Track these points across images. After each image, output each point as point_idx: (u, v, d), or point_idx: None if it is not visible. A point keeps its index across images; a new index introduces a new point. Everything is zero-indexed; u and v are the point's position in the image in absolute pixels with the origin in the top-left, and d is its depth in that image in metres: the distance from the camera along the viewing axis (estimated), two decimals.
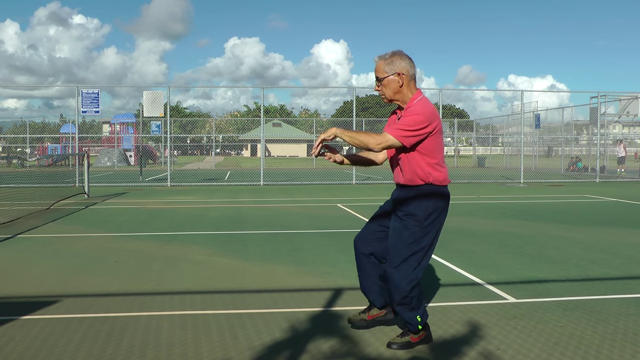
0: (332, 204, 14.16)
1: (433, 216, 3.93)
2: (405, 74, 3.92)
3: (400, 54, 3.97)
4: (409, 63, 3.95)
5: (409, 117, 3.81)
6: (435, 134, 3.86)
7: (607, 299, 5.35)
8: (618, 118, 32.07)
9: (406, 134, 3.78)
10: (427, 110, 3.82)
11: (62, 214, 11.99)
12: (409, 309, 3.95)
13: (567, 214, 12.04)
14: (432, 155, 3.89)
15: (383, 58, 3.97)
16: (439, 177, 3.93)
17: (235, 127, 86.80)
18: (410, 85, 3.96)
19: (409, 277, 3.90)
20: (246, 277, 6.30)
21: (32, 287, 5.84)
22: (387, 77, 3.94)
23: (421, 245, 3.92)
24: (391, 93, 3.97)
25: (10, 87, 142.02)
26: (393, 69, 3.93)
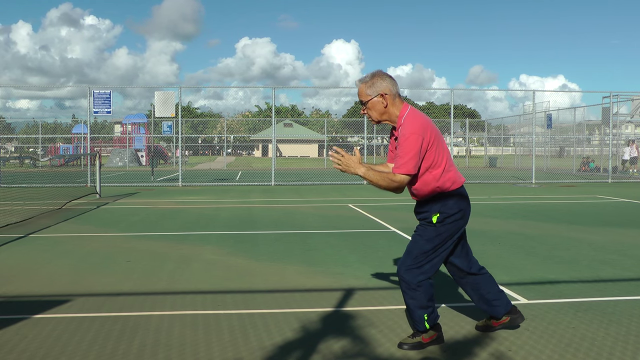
0: (343, 204, 14.16)
1: (448, 220, 3.96)
2: (388, 93, 3.93)
3: (380, 74, 3.98)
4: (390, 82, 3.95)
5: (402, 143, 3.81)
6: (431, 145, 3.86)
7: (620, 300, 5.32)
8: (630, 118, 31.89)
9: (411, 163, 3.79)
10: (414, 127, 3.81)
11: (74, 214, 12.05)
12: (417, 306, 3.96)
13: (579, 215, 11.97)
14: (434, 165, 3.91)
15: (364, 81, 3.98)
16: (445, 185, 3.95)
17: (247, 127, 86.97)
18: (395, 103, 3.96)
19: (419, 276, 3.94)
20: (258, 277, 6.31)
21: (44, 286, 5.88)
22: (371, 100, 3.96)
23: (432, 244, 3.96)
24: (377, 114, 3.99)
25: (23, 88, 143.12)
26: (376, 91, 3.93)
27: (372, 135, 47.17)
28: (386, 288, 5.79)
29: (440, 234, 3.96)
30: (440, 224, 3.96)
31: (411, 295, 3.97)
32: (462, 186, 4.06)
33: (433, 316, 4.03)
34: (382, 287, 5.82)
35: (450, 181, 3.96)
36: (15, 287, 5.87)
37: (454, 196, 3.98)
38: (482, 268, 4.28)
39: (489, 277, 4.27)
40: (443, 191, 3.95)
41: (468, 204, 4.08)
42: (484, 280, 4.23)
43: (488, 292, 4.22)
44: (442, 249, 4.01)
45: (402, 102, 4.00)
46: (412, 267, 3.96)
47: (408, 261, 3.99)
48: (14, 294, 5.61)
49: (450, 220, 3.97)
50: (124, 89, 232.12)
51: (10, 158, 21.65)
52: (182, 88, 21.92)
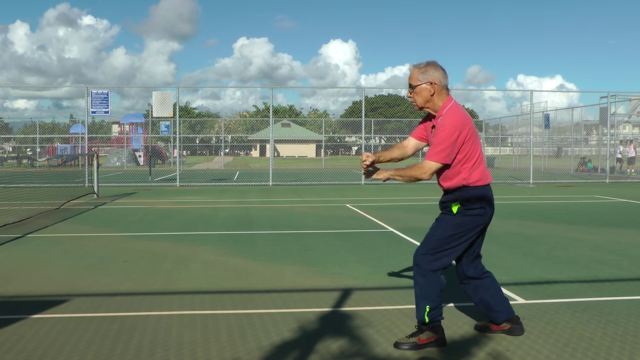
0: (341, 204, 14.16)
1: (468, 212, 4.03)
2: (437, 83, 4.05)
3: (434, 64, 4.11)
4: (441, 74, 4.08)
5: (438, 133, 3.95)
6: (467, 140, 3.97)
7: (617, 300, 5.33)
8: (628, 118, 31.96)
9: (444, 153, 3.93)
10: (454, 120, 3.94)
11: (72, 214, 12.04)
12: (422, 295, 4.02)
13: (577, 215, 11.99)
14: (466, 160, 4.00)
15: (417, 67, 4.12)
16: (471, 179, 4.02)
17: (244, 127, 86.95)
18: (441, 94, 4.08)
19: (431, 263, 4.02)
20: (255, 277, 6.31)
21: (42, 286, 5.88)
22: (419, 85, 4.08)
23: (449, 233, 4.03)
24: (422, 101, 4.11)
25: (20, 88, 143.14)
26: (426, 78, 4.05)
27: (370, 135, 47.15)
28: (384, 288, 5.80)
29: (458, 224, 4.02)
30: (460, 215, 4.03)
31: (419, 282, 4.04)
32: (488, 186, 4.12)
33: (436, 312, 4.03)
34: (380, 287, 5.82)
35: (476, 177, 4.04)
36: (13, 287, 5.86)
37: (477, 191, 4.05)
38: (486, 272, 4.28)
39: (492, 282, 4.27)
40: (468, 184, 4.02)
41: (490, 204, 4.12)
42: (486, 284, 4.24)
43: (491, 296, 4.23)
44: (459, 241, 4.04)
45: (448, 95, 4.12)
46: (426, 254, 4.05)
47: (423, 247, 4.08)
48: (12, 294, 5.60)
49: (470, 212, 4.03)
50: (122, 89, 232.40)
51: (8, 158, 21.60)
52: (180, 88, 21.93)
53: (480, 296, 4.24)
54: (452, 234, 4.03)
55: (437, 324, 4.07)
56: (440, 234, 4.05)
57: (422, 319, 4.03)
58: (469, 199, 4.03)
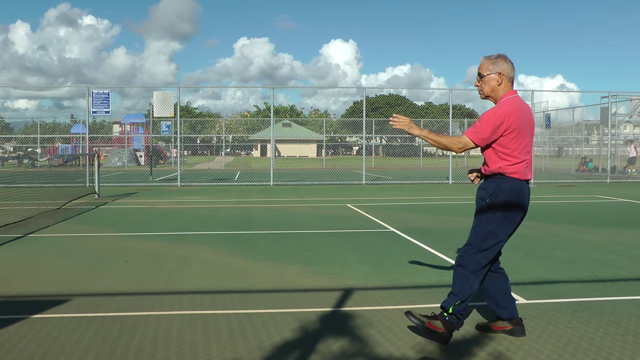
0: (342, 204, 14.16)
1: (499, 204, 4.08)
2: (504, 74, 4.20)
3: (505, 57, 4.27)
4: (510, 66, 4.25)
5: (482, 117, 4.09)
6: (510, 132, 4.03)
7: (618, 300, 5.33)
8: (629, 118, 31.91)
9: (479, 134, 4.06)
10: (502, 110, 4.06)
11: (73, 214, 12.05)
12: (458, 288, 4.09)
13: (578, 215, 11.99)
14: (507, 150, 4.07)
15: (488, 58, 4.27)
16: (508, 169, 4.09)
17: (245, 127, 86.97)
18: (506, 86, 4.21)
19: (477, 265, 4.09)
20: (256, 277, 6.31)
21: (43, 286, 5.88)
22: (488, 75, 4.22)
23: (489, 227, 4.09)
24: (489, 89, 4.24)
25: (21, 88, 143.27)
26: (495, 69, 4.21)
27: (371, 135, 47.16)
28: (385, 288, 5.79)
29: (494, 219, 4.08)
30: (494, 209, 4.09)
31: (460, 278, 4.10)
32: (525, 181, 4.16)
33: (460, 308, 4.08)
34: (381, 287, 5.82)
35: (514, 169, 4.10)
36: (13, 287, 5.86)
37: (511, 184, 4.09)
38: (500, 268, 4.37)
39: (504, 279, 4.33)
40: (504, 173, 4.09)
41: (524, 198, 4.14)
42: (497, 279, 4.30)
43: (499, 291, 4.28)
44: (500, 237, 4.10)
45: (511, 88, 4.24)
46: (470, 252, 4.11)
47: (468, 247, 4.14)
48: (13, 293, 5.60)
49: (504, 204, 4.08)
50: (122, 89, 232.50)
51: (9, 158, 21.63)
52: (181, 88, 21.92)
53: (490, 288, 4.30)
54: (490, 230, 4.09)
55: (453, 321, 4.08)
56: (481, 230, 4.12)
57: (446, 307, 4.08)
58: (502, 187, 4.09)
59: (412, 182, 23.09)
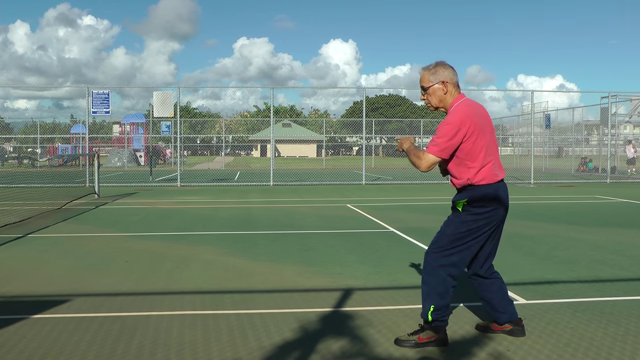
0: (342, 204, 14.16)
1: (474, 210, 4.02)
2: (448, 81, 4.11)
3: (443, 64, 4.17)
4: (451, 72, 4.15)
5: (440, 127, 4.00)
6: (469, 137, 3.95)
7: (618, 300, 5.33)
8: (629, 118, 31.93)
9: (441, 147, 3.96)
10: (456, 117, 3.96)
11: (73, 214, 12.05)
12: (428, 293, 4.04)
13: (578, 215, 11.99)
14: (469, 158, 4.00)
15: (427, 69, 4.18)
16: (476, 178, 4.02)
17: (245, 127, 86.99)
18: (453, 93, 4.13)
19: (440, 259, 4.03)
20: (256, 277, 6.31)
21: (43, 286, 5.88)
22: (432, 86, 4.14)
23: (456, 230, 4.03)
24: (436, 101, 4.16)
25: (21, 88, 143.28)
26: (437, 78, 4.12)
27: (371, 135, 47.17)
28: (385, 288, 5.80)
29: (465, 222, 4.02)
30: (466, 213, 4.03)
31: (425, 281, 4.06)
32: (498, 184, 4.08)
33: (441, 313, 4.03)
34: (381, 287, 5.82)
35: (480, 177, 4.02)
36: (14, 287, 5.86)
37: (482, 191, 4.03)
38: (495, 273, 4.28)
39: (499, 285, 4.26)
40: (473, 183, 4.03)
41: (500, 201, 4.08)
42: (492, 285, 4.24)
43: (495, 297, 4.23)
44: (468, 239, 4.03)
45: (459, 93, 4.16)
46: (434, 251, 4.07)
47: (433, 246, 4.10)
48: (13, 294, 5.60)
49: (477, 211, 4.01)
50: (122, 89, 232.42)
51: (9, 158, 21.62)
52: (181, 88, 21.92)
53: (486, 294, 4.25)
54: (457, 232, 4.02)
55: (440, 324, 4.06)
56: (449, 231, 4.06)
57: (425, 317, 4.05)
58: (476, 197, 4.02)
59: (412, 182, 23.09)
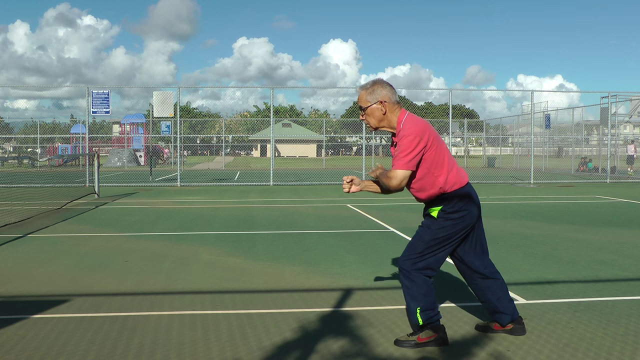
0: (342, 205, 14.16)
1: (450, 215, 3.99)
2: (387, 101, 4.03)
3: (381, 82, 4.08)
4: (389, 90, 4.06)
5: (400, 143, 3.91)
6: (430, 147, 3.92)
7: (618, 300, 5.33)
8: (629, 118, 31.93)
9: (408, 158, 3.87)
10: (413, 128, 3.89)
11: (73, 214, 12.05)
12: (411, 297, 4.01)
13: (578, 215, 11.98)
14: (435, 167, 3.96)
15: (364, 88, 4.10)
16: (447, 185, 3.99)
17: (245, 127, 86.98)
18: (394, 110, 4.05)
19: (417, 263, 4.00)
20: (256, 277, 6.31)
21: (42, 286, 5.88)
22: (370, 106, 4.06)
23: (433, 235, 4.00)
24: (375, 121, 4.09)
25: (20, 88, 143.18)
26: (375, 98, 4.04)
27: (371, 135, 47.15)
28: (384, 288, 5.80)
29: (442, 227, 3.99)
30: (442, 219, 4.00)
31: (406, 285, 4.02)
32: (467, 185, 4.07)
33: (430, 313, 4.01)
34: (381, 287, 5.82)
35: (452, 181, 4.00)
36: (13, 287, 5.86)
37: (456, 196, 4.00)
38: (496, 272, 4.26)
39: (500, 283, 4.25)
40: (445, 192, 3.99)
41: (473, 202, 4.07)
42: (494, 285, 4.22)
43: (497, 298, 4.21)
44: (443, 244, 4.01)
45: (401, 109, 4.08)
46: (410, 257, 4.03)
47: (408, 250, 4.07)
48: (13, 293, 5.60)
49: (453, 216, 3.99)
50: (121, 89, 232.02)
51: (9, 158, 21.63)
52: (181, 88, 21.92)
53: (488, 297, 4.23)
54: (435, 238, 4.00)
55: (435, 323, 4.05)
56: (424, 238, 4.02)
57: (415, 322, 4.02)
58: (449, 203, 3.99)
59: None
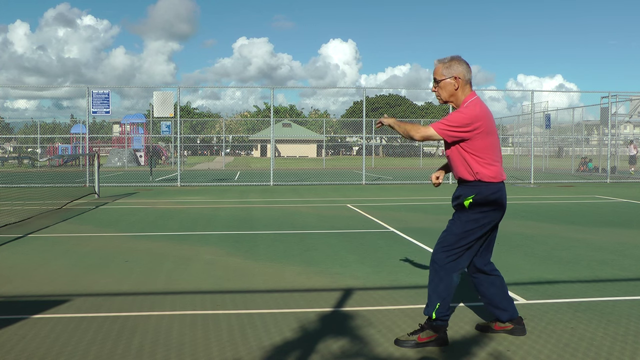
0: (342, 204, 14.16)
1: (481, 208, 4.06)
2: (461, 77, 4.14)
3: (459, 59, 4.18)
4: (465, 68, 4.16)
5: (452, 115, 4.05)
6: (481, 134, 4.02)
7: (618, 300, 5.33)
8: (629, 118, 31.93)
9: (446, 128, 4.01)
10: (473, 111, 4.01)
11: (73, 214, 12.05)
12: (435, 290, 4.07)
13: (578, 215, 11.98)
14: (480, 153, 4.06)
15: (442, 62, 4.20)
16: (487, 174, 4.07)
17: (245, 127, 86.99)
18: (464, 89, 4.16)
19: (448, 257, 4.06)
20: (256, 277, 6.31)
21: (43, 286, 5.88)
22: (444, 80, 4.17)
23: (464, 229, 4.07)
24: (447, 95, 4.19)
25: (20, 88, 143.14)
26: (450, 73, 4.14)
27: (371, 135, 47.15)
28: (385, 288, 5.80)
29: (473, 220, 4.06)
30: (473, 211, 4.06)
31: (434, 281, 4.09)
32: (501, 183, 4.15)
33: (444, 312, 4.07)
34: (381, 287, 5.82)
35: (492, 173, 4.09)
36: (14, 287, 5.86)
37: (491, 188, 4.08)
38: (495, 270, 4.31)
39: (500, 282, 4.30)
40: (481, 180, 4.06)
41: (502, 201, 4.14)
42: (494, 282, 4.27)
43: (496, 294, 4.26)
44: (473, 237, 4.08)
45: (471, 90, 4.19)
46: (444, 251, 4.09)
47: (440, 245, 4.13)
48: (13, 293, 5.60)
49: (484, 209, 4.06)
50: (121, 89, 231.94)
51: (9, 158, 21.63)
52: (181, 88, 21.91)
53: (487, 291, 4.28)
54: (467, 230, 4.06)
55: (441, 324, 4.08)
56: (456, 230, 4.09)
57: (429, 314, 4.07)
58: (482, 193, 4.06)
59: (412, 182, 23.08)
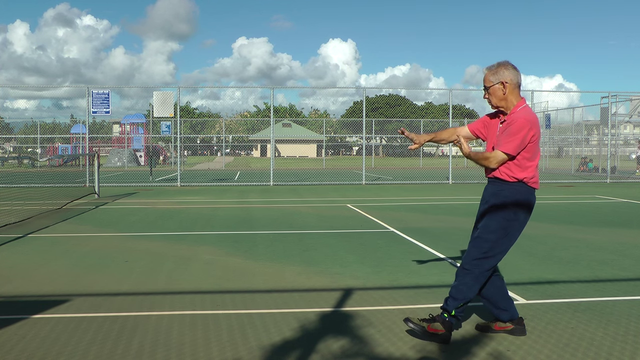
0: (342, 204, 14.15)
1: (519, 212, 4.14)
2: (509, 82, 4.16)
3: (505, 64, 4.22)
4: (512, 72, 4.19)
5: (511, 126, 4.05)
6: (535, 141, 4.07)
7: (618, 300, 5.33)
8: (629, 118, 31.94)
9: (514, 143, 4.02)
10: (529, 117, 4.06)
11: (73, 214, 12.05)
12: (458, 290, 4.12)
13: (578, 215, 11.98)
14: (529, 156, 4.09)
15: (489, 69, 4.25)
16: (528, 176, 4.12)
17: (245, 127, 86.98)
18: (514, 93, 4.19)
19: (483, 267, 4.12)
20: (256, 277, 6.31)
21: (43, 286, 5.88)
22: (492, 86, 4.20)
23: (497, 235, 4.12)
24: (496, 100, 4.22)
25: (20, 88, 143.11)
26: (498, 78, 4.18)
27: (371, 135, 47.17)
28: (384, 288, 5.80)
29: (506, 226, 4.12)
30: (512, 212, 4.12)
31: (462, 283, 4.12)
32: (534, 189, 4.22)
33: (461, 309, 4.15)
34: (381, 287, 5.82)
35: (535, 178, 4.16)
36: (14, 287, 5.86)
37: (530, 193, 4.16)
38: (496, 270, 4.35)
39: (500, 281, 4.34)
40: (525, 183, 4.12)
41: (532, 207, 4.22)
42: (494, 281, 4.30)
43: (496, 293, 4.29)
44: (508, 242, 4.16)
45: (520, 96, 4.23)
46: (480, 257, 4.12)
47: (478, 250, 4.14)
48: (13, 293, 5.60)
49: (521, 212, 4.15)
50: (121, 89, 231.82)
51: (9, 158, 21.64)
52: (181, 88, 21.91)
53: (487, 291, 4.30)
54: (500, 236, 4.11)
55: (454, 321, 4.14)
56: (494, 226, 4.12)
57: (449, 310, 4.12)
58: (523, 198, 4.13)
59: (412, 182, 23.09)
